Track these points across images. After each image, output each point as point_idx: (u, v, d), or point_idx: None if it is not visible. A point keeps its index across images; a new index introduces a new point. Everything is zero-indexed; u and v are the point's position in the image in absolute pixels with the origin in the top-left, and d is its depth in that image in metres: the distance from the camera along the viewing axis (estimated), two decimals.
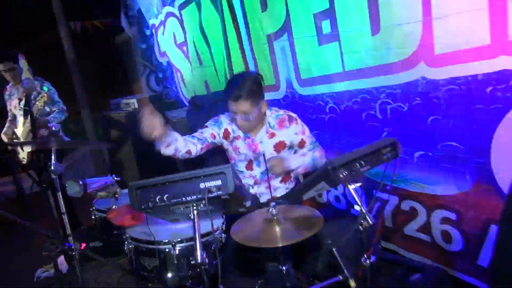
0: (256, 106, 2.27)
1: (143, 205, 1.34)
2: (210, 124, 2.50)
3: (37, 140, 2.63)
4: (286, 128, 2.42)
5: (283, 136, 2.42)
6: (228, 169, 1.29)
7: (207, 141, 2.41)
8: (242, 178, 2.53)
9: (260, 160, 2.44)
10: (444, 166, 2.27)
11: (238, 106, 2.24)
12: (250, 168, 2.48)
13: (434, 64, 2.10)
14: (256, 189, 2.51)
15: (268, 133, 2.42)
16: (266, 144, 2.43)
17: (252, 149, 2.44)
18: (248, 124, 2.32)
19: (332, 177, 1.42)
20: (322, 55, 2.78)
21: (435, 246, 2.46)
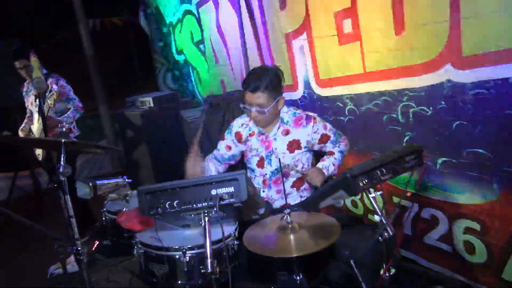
0: (272, 100, 2.22)
1: (152, 211, 1.29)
2: (226, 134, 2.53)
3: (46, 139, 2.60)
4: (303, 127, 2.34)
5: (298, 135, 2.34)
6: (241, 176, 1.22)
7: (224, 158, 2.50)
8: (253, 178, 2.46)
9: (271, 159, 2.38)
10: (469, 174, 2.16)
11: (255, 98, 2.20)
12: (261, 166, 2.41)
13: (461, 66, 2.00)
14: (266, 193, 2.42)
15: (282, 130, 2.35)
16: (280, 141, 2.36)
17: (265, 145, 2.38)
18: (262, 118, 2.27)
19: (352, 186, 1.34)
20: (342, 55, 2.69)
21: (456, 257, 2.35)
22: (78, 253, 1.64)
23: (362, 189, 1.38)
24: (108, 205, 2.17)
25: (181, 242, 1.65)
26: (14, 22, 6.68)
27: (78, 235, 1.67)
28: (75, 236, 1.64)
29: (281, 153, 2.34)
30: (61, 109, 3.76)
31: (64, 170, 1.57)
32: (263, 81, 2.18)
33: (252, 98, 2.21)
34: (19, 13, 6.84)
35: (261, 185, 2.42)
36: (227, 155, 2.48)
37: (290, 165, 2.34)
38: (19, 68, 3.64)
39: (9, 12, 6.69)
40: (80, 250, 1.64)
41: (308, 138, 2.35)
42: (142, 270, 1.74)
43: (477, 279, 2.26)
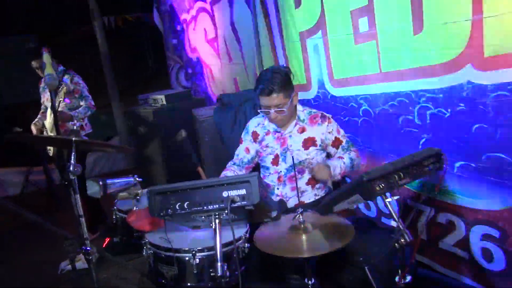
0: (288, 98, 2.27)
1: (162, 212, 1.26)
2: (243, 136, 2.57)
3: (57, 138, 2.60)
4: (318, 125, 2.38)
5: (313, 133, 2.38)
6: (253, 178, 1.19)
7: (244, 163, 2.51)
8: (267, 175, 2.48)
9: (286, 156, 2.39)
10: (488, 179, 2.08)
11: (272, 100, 2.24)
12: (275, 163, 2.43)
13: (483, 68, 1.92)
14: (281, 190, 2.42)
15: (298, 127, 2.39)
16: (295, 138, 2.39)
17: (281, 142, 2.41)
18: (282, 117, 2.30)
19: (368, 190, 1.29)
20: (358, 54, 2.63)
21: (473, 264, 2.28)
22: (87, 252, 1.63)
23: (379, 193, 1.34)
24: (119, 204, 2.17)
25: (191, 243, 1.62)
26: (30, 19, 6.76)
27: (87, 235, 1.66)
28: (84, 236, 1.64)
29: (296, 150, 2.36)
30: (74, 106, 3.79)
31: (74, 169, 1.56)
32: (275, 83, 2.23)
33: (269, 101, 2.25)
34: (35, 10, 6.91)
35: (276, 182, 2.42)
36: (246, 159, 2.51)
37: (305, 161, 2.34)
38: (35, 67, 3.69)
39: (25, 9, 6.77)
40: (89, 250, 1.63)
41: (322, 136, 2.38)
42: (151, 271, 1.72)
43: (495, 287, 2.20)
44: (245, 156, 2.51)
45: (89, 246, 1.65)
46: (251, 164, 2.53)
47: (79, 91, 3.76)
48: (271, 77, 2.25)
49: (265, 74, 2.32)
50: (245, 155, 2.51)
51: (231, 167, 2.52)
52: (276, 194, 2.43)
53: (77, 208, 1.63)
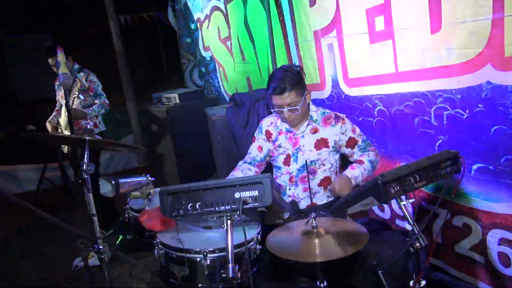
0: (301, 97, 2.25)
1: (174, 212, 1.25)
2: (256, 134, 2.55)
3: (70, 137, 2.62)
4: (331, 126, 2.35)
5: (326, 134, 2.35)
6: (266, 180, 1.17)
7: (256, 161, 2.49)
8: (279, 176, 2.46)
9: (298, 156, 2.37)
10: (507, 182, 2.03)
11: (285, 99, 2.22)
12: (287, 164, 2.41)
13: (503, 68, 1.86)
14: (293, 191, 2.40)
15: (310, 127, 2.36)
16: (308, 139, 2.36)
17: (293, 142, 2.39)
18: (296, 116, 2.28)
19: (383, 193, 1.27)
20: (374, 54, 2.58)
21: (490, 268, 2.22)
22: (99, 251, 1.63)
23: (394, 196, 1.31)
24: (131, 203, 2.18)
25: (202, 244, 1.61)
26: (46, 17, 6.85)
27: (99, 234, 1.67)
28: (97, 234, 1.64)
29: (308, 150, 2.33)
30: (88, 104, 3.83)
31: (88, 168, 1.57)
32: (287, 81, 2.21)
33: (282, 100, 2.23)
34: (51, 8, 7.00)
35: (288, 182, 2.40)
36: (259, 157, 2.49)
37: (317, 162, 2.32)
38: (52, 64, 3.73)
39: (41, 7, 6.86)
40: (101, 249, 1.64)
41: (336, 138, 2.34)
42: (162, 271, 1.72)
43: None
44: (258, 154, 2.49)
45: (102, 245, 1.65)
46: (262, 162, 2.51)
47: (93, 89, 3.80)
48: (282, 76, 2.23)
49: (277, 73, 2.30)
50: (258, 153, 2.49)
51: (241, 166, 2.50)
52: (288, 194, 2.41)
53: (90, 207, 1.64)
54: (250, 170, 2.46)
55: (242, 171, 2.43)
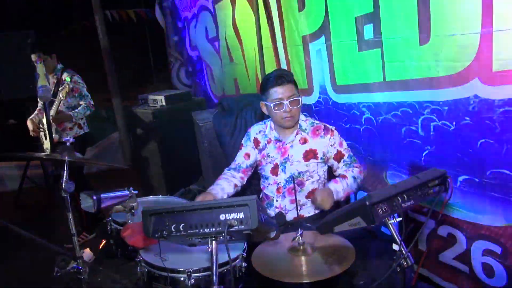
0: (298, 93, 2.27)
1: (157, 234, 1.22)
2: (244, 142, 2.52)
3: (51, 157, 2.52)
4: (321, 138, 2.31)
5: (315, 145, 2.31)
6: (252, 202, 1.14)
7: (241, 167, 2.46)
8: (266, 186, 2.43)
9: (286, 166, 2.33)
10: (492, 195, 2.04)
11: (287, 90, 2.20)
12: (275, 173, 2.37)
13: (491, 82, 1.87)
14: (280, 202, 2.37)
15: (300, 137, 2.32)
16: (297, 149, 2.33)
17: (281, 152, 2.35)
18: (296, 111, 2.24)
19: (370, 214, 1.25)
20: (362, 62, 2.57)
21: (473, 278, 2.24)
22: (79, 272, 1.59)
23: (382, 217, 1.29)
24: (114, 215, 2.12)
25: (186, 263, 1.57)
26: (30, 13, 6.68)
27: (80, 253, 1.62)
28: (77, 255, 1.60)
29: (296, 161, 2.30)
30: (72, 105, 3.75)
31: (67, 187, 1.52)
32: (287, 74, 2.24)
33: (283, 91, 2.19)
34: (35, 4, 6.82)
35: (275, 193, 2.37)
36: (245, 164, 2.45)
37: (304, 173, 2.29)
38: (34, 61, 3.62)
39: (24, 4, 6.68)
40: (81, 269, 1.59)
41: (324, 149, 2.32)
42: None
43: None
44: (244, 161, 2.46)
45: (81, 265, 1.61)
46: (248, 168, 2.47)
47: (78, 90, 3.72)
48: (279, 71, 2.29)
49: (272, 72, 2.31)
50: (244, 160, 2.46)
51: (226, 174, 2.46)
52: (275, 206, 2.38)
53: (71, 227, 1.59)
54: (234, 177, 2.42)
55: (227, 179, 2.39)
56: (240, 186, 2.43)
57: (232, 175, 2.43)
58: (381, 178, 2.70)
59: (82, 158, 1.68)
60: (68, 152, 1.63)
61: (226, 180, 2.38)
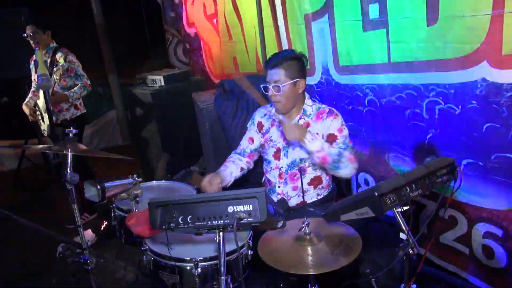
0: (289, 79, 2.16)
1: (164, 225, 1.20)
2: (248, 125, 2.50)
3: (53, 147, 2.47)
4: (323, 120, 2.25)
5: (317, 128, 2.25)
6: (261, 194, 1.12)
7: (246, 152, 2.46)
8: (269, 171, 2.42)
9: (288, 150, 2.31)
10: (495, 179, 2.04)
11: (272, 75, 2.17)
12: (277, 158, 2.35)
13: (500, 65, 1.83)
14: (282, 188, 2.36)
15: (303, 123, 2.27)
16: None
17: (284, 136, 2.29)
18: (279, 98, 2.18)
19: (378, 205, 1.24)
20: (366, 42, 2.51)
21: (473, 259, 2.28)
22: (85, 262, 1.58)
23: (390, 207, 1.28)
24: (118, 202, 2.10)
25: (193, 252, 1.57)
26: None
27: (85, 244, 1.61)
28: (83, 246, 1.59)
29: (298, 146, 2.26)
30: (68, 85, 3.67)
31: (72, 178, 1.49)
32: (281, 58, 2.17)
33: (270, 75, 2.18)
34: None
35: (277, 179, 2.35)
36: (249, 149, 2.45)
37: (306, 160, 2.26)
38: (27, 35, 3.51)
39: None
40: (88, 260, 1.58)
41: (325, 132, 2.25)
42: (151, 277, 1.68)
43: (494, 283, 2.20)
44: (248, 146, 2.45)
45: (88, 256, 1.60)
46: (253, 153, 2.47)
47: (73, 70, 3.63)
48: (281, 53, 2.23)
49: (278, 52, 2.28)
50: (248, 145, 2.45)
51: (232, 157, 2.47)
52: (277, 192, 2.37)
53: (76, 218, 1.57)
54: (240, 160, 2.44)
55: (234, 162, 2.41)
56: (246, 169, 2.46)
57: (239, 158, 2.45)
58: (383, 160, 2.70)
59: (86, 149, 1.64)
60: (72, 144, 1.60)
61: (234, 164, 2.40)
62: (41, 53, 1.75)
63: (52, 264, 3.17)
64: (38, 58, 1.73)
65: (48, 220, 3.90)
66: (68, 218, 3.66)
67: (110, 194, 1.67)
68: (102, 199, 1.65)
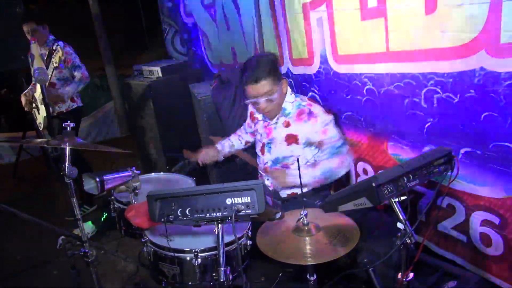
0: (276, 85, 2.16)
1: (163, 218, 1.21)
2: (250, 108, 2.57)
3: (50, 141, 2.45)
4: (304, 122, 2.25)
5: (296, 130, 2.26)
6: (259, 186, 1.13)
7: (248, 131, 2.58)
8: (259, 164, 2.46)
9: (271, 147, 2.33)
10: (493, 167, 2.05)
11: (260, 88, 2.12)
12: (262, 152, 2.40)
13: (498, 54, 1.82)
14: (270, 181, 2.37)
15: (283, 120, 2.29)
16: (279, 131, 2.30)
17: (267, 132, 2.33)
18: (272, 107, 2.21)
19: (376, 195, 1.25)
20: (364, 31, 2.49)
21: (470, 247, 2.30)
22: (86, 255, 1.59)
23: (387, 197, 1.29)
24: (117, 195, 2.11)
25: (193, 243, 1.59)
26: None
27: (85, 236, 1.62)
28: (82, 239, 1.60)
29: (279, 143, 2.28)
30: (65, 77, 3.65)
31: (70, 172, 1.49)
32: (261, 69, 2.11)
33: (257, 89, 2.12)
34: None
35: (264, 173, 2.37)
36: (251, 129, 2.56)
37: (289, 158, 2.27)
38: (26, 32, 3.49)
39: None
40: (88, 252, 1.59)
41: (308, 135, 2.26)
42: (152, 268, 1.70)
43: (491, 271, 2.22)
44: (250, 123, 2.56)
45: (88, 248, 1.61)
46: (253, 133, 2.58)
47: (71, 61, 3.61)
48: (256, 64, 2.14)
49: (250, 62, 2.21)
50: (250, 121, 2.56)
51: (240, 130, 2.62)
52: (267, 185, 2.37)
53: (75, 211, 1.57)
54: (246, 133, 2.60)
55: (239, 136, 2.59)
56: (251, 142, 2.57)
57: (246, 132, 2.57)
58: (381, 150, 2.70)
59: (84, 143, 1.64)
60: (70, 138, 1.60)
61: (238, 137, 2.51)
62: (36, 46, 1.74)
63: (52, 256, 3.19)
64: (34, 51, 1.71)
65: (48, 212, 3.91)
66: (67, 210, 3.68)
67: (109, 186, 1.68)
68: (101, 191, 1.66)
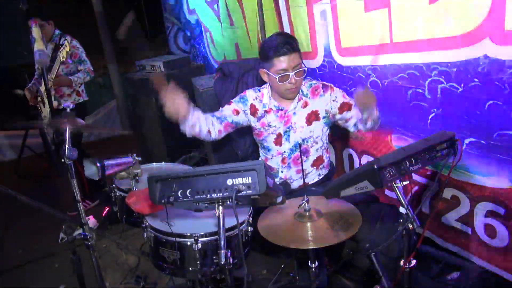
0: (301, 60, 2.15)
1: (164, 199, 1.21)
2: (234, 101, 2.34)
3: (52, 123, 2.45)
4: (320, 96, 2.25)
5: (316, 105, 2.26)
6: (260, 167, 1.12)
7: (227, 119, 2.26)
8: (270, 158, 2.37)
9: (289, 135, 2.28)
10: (497, 157, 2.03)
11: (292, 60, 2.07)
12: (278, 143, 2.32)
13: (502, 42, 1.81)
14: (285, 173, 2.35)
15: (302, 103, 2.26)
16: (299, 114, 2.27)
17: (284, 121, 2.28)
18: (301, 81, 2.17)
19: (378, 178, 1.23)
20: (368, 23, 2.48)
21: (475, 239, 2.28)
22: (86, 238, 1.59)
23: (389, 180, 1.28)
24: (118, 182, 2.10)
25: (193, 228, 1.58)
26: None
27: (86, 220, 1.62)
28: (83, 221, 1.59)
29: (300, 127, 2.26)
30: (71, 71, 3.68)
31: (70, 153, 1.48)
32: (292, 42, 2.09)
33: (289, 62, 2.06)
34: None
35: (280, 164, 2.33)
36: (231, 119, 2.27)
37: (309, 140, 2.25)
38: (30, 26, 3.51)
39: None
40: (88, 236, 1.59)
41: (326, 107, 2.26)
42: (151, 253, 1.69)
43: (496, 263, 2.20)
44: (231, 116, 2.26)
45: (88, 232, 1.61)
46: (231, 125, 2.29)
47: (77, 55, 3.65)
48: (283, 38, 2.09)
49: (275, 37, 2.12)
50: (231, 115, 2.26)
51: (208, 118, 2.21)
52: (280, 177, 2.35)
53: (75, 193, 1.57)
54: (213, 125, 2.21)
55: (206, 120, 2.17)
56: (212, 138, 2.24)
57: (213, 122, 2.22)
58: (386, 142, 2.68)
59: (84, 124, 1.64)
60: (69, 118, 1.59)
61: (206, 120, 2.17)
62: (37, 29, 1.74)
63: (54, 249, 3.19)
64: (35, 34, 1.72)
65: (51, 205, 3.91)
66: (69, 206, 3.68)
67: (109, 172, 1.68)
68: (102, 177, 1.65)
